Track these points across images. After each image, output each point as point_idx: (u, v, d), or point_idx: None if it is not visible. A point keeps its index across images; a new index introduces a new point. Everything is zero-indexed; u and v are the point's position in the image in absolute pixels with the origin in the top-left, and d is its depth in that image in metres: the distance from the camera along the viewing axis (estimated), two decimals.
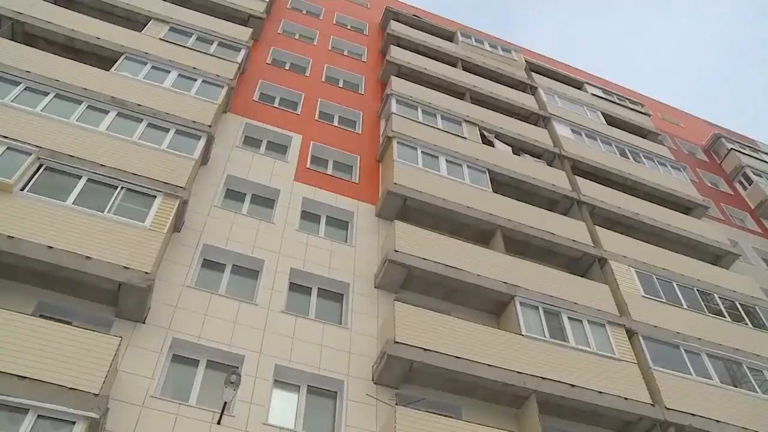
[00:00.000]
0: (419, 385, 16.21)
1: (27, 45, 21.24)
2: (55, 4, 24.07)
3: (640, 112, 37.36)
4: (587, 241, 22.71)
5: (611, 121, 34.25)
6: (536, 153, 27.84)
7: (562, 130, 29.95)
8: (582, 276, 21.93)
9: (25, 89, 18.67)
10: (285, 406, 14.97)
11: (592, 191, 25.75)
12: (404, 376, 15.89)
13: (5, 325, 12.48)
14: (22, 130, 17.03)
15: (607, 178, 28.11)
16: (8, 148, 16.27)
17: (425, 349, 15.85)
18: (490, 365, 16.26)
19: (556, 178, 25.67)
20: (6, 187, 15.18)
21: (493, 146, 26.55)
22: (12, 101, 18.03)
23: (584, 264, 22.37)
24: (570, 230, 22.79)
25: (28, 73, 19.09)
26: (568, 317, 19.14)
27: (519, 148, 27.59)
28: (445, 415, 15.28)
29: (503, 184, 24.34)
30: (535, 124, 30.54)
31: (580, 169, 27.77)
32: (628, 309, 20.34)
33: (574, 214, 24.59)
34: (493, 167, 24.35)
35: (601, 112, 34.44)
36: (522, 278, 19.51)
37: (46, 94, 18.82)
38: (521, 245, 21.92)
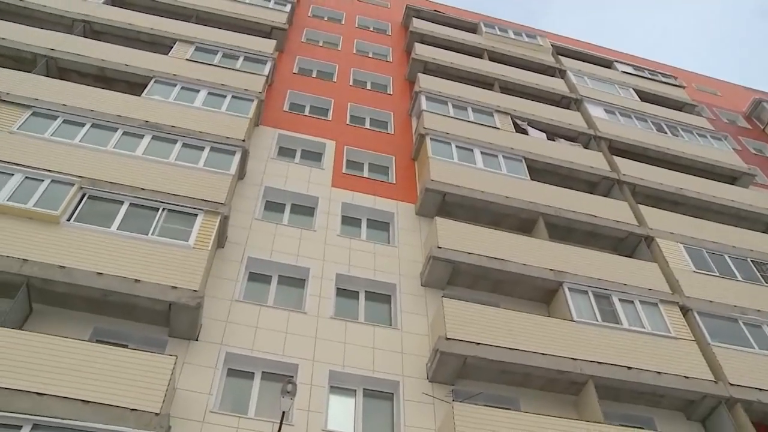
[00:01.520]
0: (474, 380, 16.16)
1: (61, 79, 21.78)
2: (84, 36, 24.59)
3: (674, 85, 36.69)
4: (631, 220, 22.39)
5: (645, 97, 33.71)
6: (571, 136, 27.55)
7: (596, 111, 29.59)
8: (629, 256, 21.64)
9: (63, 122, 19.17)
10: (343, 411, 15.04)
11: (631, 170, 25.39)
12: (458, 371, 15.85)
13: (65, 351, 12.83)
14: (64, 162, 17.46)
15: (645, 155, 27.69)
16: (52, 180, 16.70)
17: (477, 343, 15.80)
18: (543, 354, 16.13)
19: (593, 160, 25.37)
20: (53, 219, 15.62)
21: (526, 134, 26.35)
22: (52, 135, 18.52)
23: (630, 244, 22.06)
24: (613, 211, 22.51)
25: (65, 106, 19.55)
26: (619, 299, 18.90)
27: (553, 133, 27.34)
28: (503, 408, 15.20)
29: (540, 171, 24.13)
30: (567, 108, 30.22)
31: (618, 149, 27.40)
32: (680, 286, 19.99)
33: (615, 194, 24.26)
34: (528, 155, 24.18)
35: (634, 89, 33.94)
36: (568, 264, 19.32)
37: (83, 124, 19.24)
38: (564, 231, 21.71)
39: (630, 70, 36.85)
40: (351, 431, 14.52)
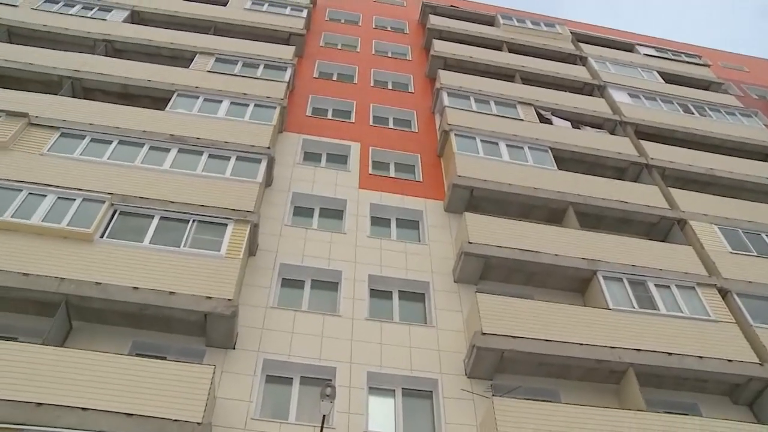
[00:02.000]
0: (513, 374, 16.08)
1: (86, 99, 22.15)
2: (106, 56, 24.95)
3: (699, 65, 36.15)
4: (663, 204, 22.13)
5: (669, 78, 33.30)
6: (596, 123, 27.29)
7: (619, 96, 29.29)
8: (663, 241, 21.39)
9: (90, 141, 19.49)
10: (383, 412, 15.07)
11: (660, 153, 25.08)
12: (496, 366, 15.79)
13: (106, 366, 13.07)
14: (94, 180, 17.75)
15: (673, 137, 27.34)
16: (83, 199, 16.99)
17: (513, 337, 15.73)
18: (581, 344, 16.00)
19: (620, 146, 25.12)
20: (87, 237, 15.89)
21: (551, 123, 26.18)
22: (80, 154, 18.86)
23: (663, 228, 21.79)
24: (643, 196, 22.27)
25: (91, 125, 19.87)
26: (655, 284, 18.68)
27: (578, 121, 27.11)
28: (544, 401, 15.11)
29: (567, 160, 23.94)
30: (591, 95, 29.95)
31: (644, 133, 27.07)
32: (717, 268, 19.69)
33: (644, 179, 23.98)
34: (554, 144, 24.02)
35: (657, 71, 33.53)
36: (601, 252, 19.15)
37: (110, 142, 19.54)
38: (595, 219, 21.52)
39: (652, 52, 36.43)
40: (392, 431, 14.52)
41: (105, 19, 27.58)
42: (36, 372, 12.69)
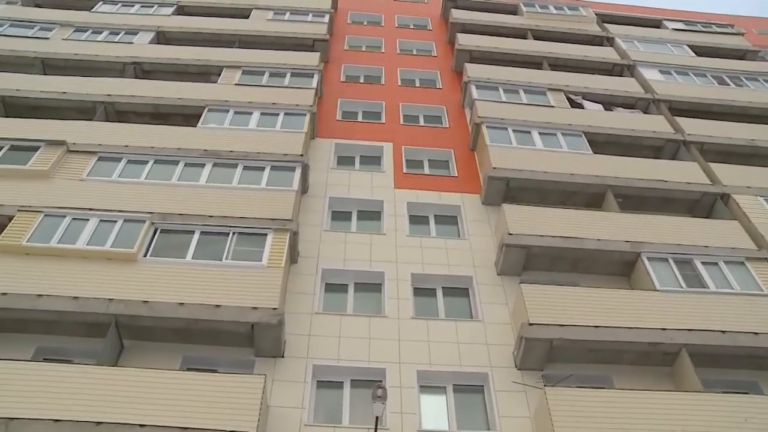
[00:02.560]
0: (564, 362, 15.89)
1: (120, 122, 22.58)
2: (136, 78, 25.38)
3: (731, 34, 35.38)
4: (704, 180, 21.70)
5: (701, 51, 32.64)
6: (629, 104, 26.93)
7: (650, 74, 28.84)
8: (706, 217, 20.99)
9: (127, 163, 19.87)
10: (435, 410, 15.03)
11: (696, 128, 24.61)
12: (546, 356, 15.65)
13: (159, 382, 13.30)
14: (133, 200, 18.10)
15: (710, 111, 26.82)
16: (125, 220, 17.31)
17: (561, 325, 15.56)
18: (630, 328, 15.75)
19: (655, 125, 24.75)
20: (131, 257, 16.19)
21: (582, 108, 25.90)
22: (119, 177, 19.26)
23: (706, 204, 21.37)
24: (683, 173, 21.87)
25: (126, 147, 20.25)
26: (702, 262, 18.32)
27: (609, 103, 26.77)
28: (597, 387, 14.93)
29: (602, 143, 23.64)
30: (621, 75, 29.56)
31: (679, 109, 26.59)
32: (766, 240, 19.25)
33: (683, 156, 23.57)
34: (587, 129, 23.75)
35: (687, 45, 32.92)
36: (644, 233, 18.85)
37: (146, 162, 19.87)
38: (635, 200, 21.18)
39: (681, 26, 35.77)
40: (446, 428, 14.51)
41: (132, 42, 28.11)
42: (93, 392, 12.96)
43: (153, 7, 32.18)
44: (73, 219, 17.29)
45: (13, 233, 16.67)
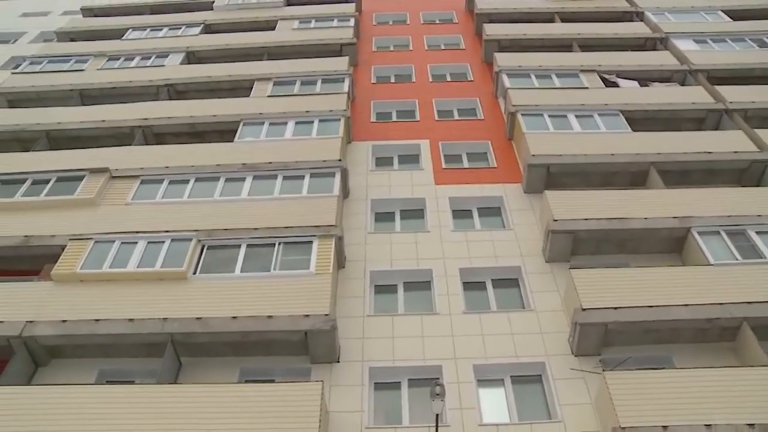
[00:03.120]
0: (621, 345, 15.67)
1: (158, 144, 23.00)
2: (170, 99, 25.80)
3: None
4: (750, 147, 21.14)
5: (736, 15, 31.70)
6: (665, 78, 26.45)
7: (685, 45, 28.25)
8: (756, 186, 20.48)
9: (169, 183, 20.21)
10: (495, 403, 14.95)
11: (738, 95, 24.00)
12: (602, 340, 15.44)
13: (218, 396, 13.45)
14: (178, 220, 18.38)
15: (751, 75, 26.16)
16: (172, 240, 17.61)
17: (615, 308, 15.34)
18: (686, 305, 15.41)
19: (694, 96, 24.24)
20: (181, 275, 16.47)
21: (617, 86, 25.51)
22: (162, 198, 19.60)
23: (755, 173, 20.82)
24: (727, 143, 21.36)
25: (167, 168, 20.59)
26: (756, 231, 17.84)
27: (645, 78, 26.33)
28: (657, 368, 14.70)
29: (641, 120, 23.28)
30: (654, 49, 29.02)
31: (718, 77, 26.02)
32: None
33: (726, 125, 23.04)
34: (624, 107, 23.39)
35: (722, 11, 32.05)
36: (692, 207, 18.45)
37: (187, 181, 20.17)
38: (680, 175, 20.77)
39: None
40: (507, 420, 14.41)
41: (163, 65, 28.65)
42: (155, 410, 13.21)
43: (181, 28, 32.76)
44: (122, 243, 17.66)
45: (67, 262, 17.11)
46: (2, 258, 18.41)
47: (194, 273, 16.79)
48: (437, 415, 13.33)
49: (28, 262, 18.25)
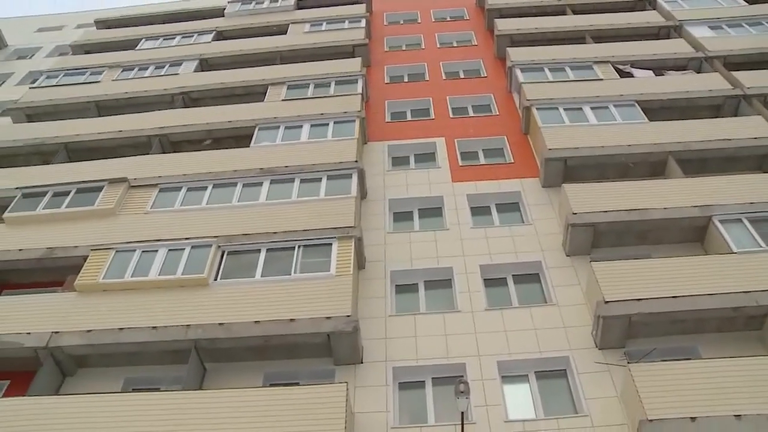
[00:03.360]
0: (645, 337, 15.54)
1: (175, 152, 23.16)
2: (185, 107, 25.96)
3: None
4: None
5: None
6: (680, 66, 26.21)
7: (699, 32, 27.96)
8: None
9: (187, 191, 20.34)
10: (520, 399, 14.90)
11: (757, 80, 23.66)
12: (626, 332, 15.33)
13: (243, 401, 13.54)
14: (197, 226, 18.52)
15: None
16: (192, 247, 17.72)
17: (638, 300, 15.21)
18: (710, 294, 15.24)
19: (711, 83, 23.99)
20: (202, 282, 16.57)
21: (632, 76, 25.32)
22: (181, 205, 19.73)
23: None
24: (747, 129, 21.11)
25: (185, 175, 20.71)
26: None
27: (659, 68, 26.10)
28: (683, 359, 14.57)
29: (657, 110, 23.07)
30: (668, 38, 28.74)
31: (734, 63, 25.70)
32: None
33: (745, 111, 22.74)
34: (639, 97, 23.20)
35: None
36: (713, 196, 18.25)
37: (205, 188, 20.30)
38: (699, 164, 20.54)
39: None
40: (533, 416, 14.35)
41: (177, 73, 28.83)
42: (182, 416, 13.31)
43: (193, 36, 32.95)
44: (143, 252, 17.79)
45: (90, 272, 17.27)
46: (26, 270, 18.67)
47: (215, 279, 16.89)
48: (462, 413, 13.32)
49: (51, 274, 18.48)
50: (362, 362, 15.54)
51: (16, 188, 21.01)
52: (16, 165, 23.53)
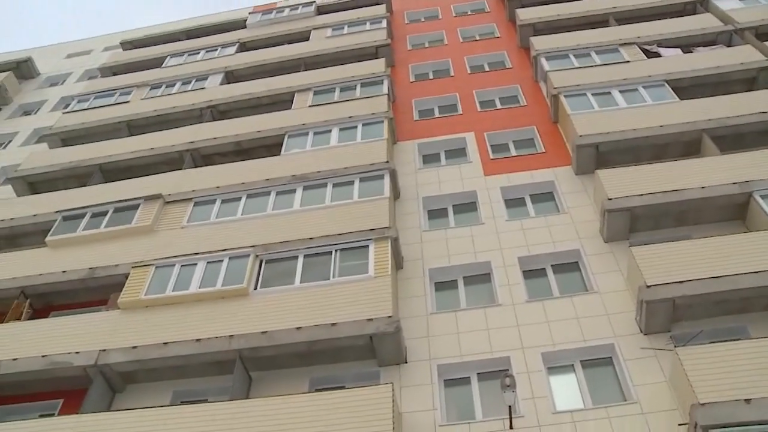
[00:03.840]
0: (691, 320, 15.25)
1: (206, 165, 23.49)
2: (213, 120, 26.25)
3: None
4: None
5: None
6: (709, 41, 25.73)
7: (727, 4, 27.39)
8: None
9: (221, 203, 20.58)
10: (567, 389, 14.76)
11: None
12: (671, 316, 15.06)
13: (290, 408, 13.62)
14: (234, 237, 18.71)
15: None
16: (230, 258, 17.91)
17: (680, 282, 14.94)
18: (756, 272, 14.87)
19: (743, 56, 23.47)
20: (243, 292, 16.73)
21: (659, 56, 24.94)
22: (216, 218, 19.94)
23: None
24: None
25: (218, 188, 20.97)
26: None
27: (687, 45, 25.64)
28: (731, 339, 14.29)
29: (688, 88, 22.69)
30: (694, 13, 28.22)
31: (767, 33, 25.16)
32: None
33: None
34: (668, 76, 22.84)
35: None
36: (751, 171, 17.82)
37: (239, 198, 20.49)
38: (734, 139, 20.11)
39: None
40: (581, 406, 14.19)
41: (204, 87, 29.14)
42: (231, 426, 13.45)
43: (217, 49, 33.32)
44: (182, 266, 18.03)
45: (132, 289, 17.56)
46: (71, 291, 19.09)
47: (255, 288, 17.04)
48: (510, 406, 13.27)
49: (95, 293, 18.86)
50: (406, 362, 15.54)
51: (56, 212, 21.49)
52: (56, 189, 24.05)
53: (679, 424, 12.91)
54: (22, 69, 38.04)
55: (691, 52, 25.10)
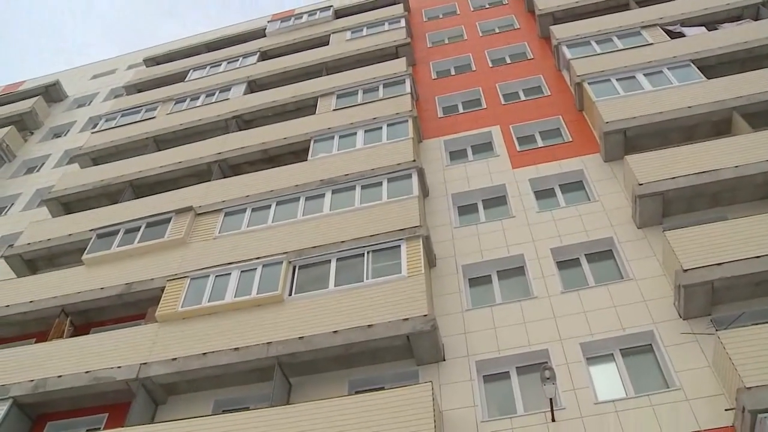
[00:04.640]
0: (731, 302, 14.98)
1: (235, 175, 23.63)
2: (239, 130, 26.45)
3: None
4: None
5: None
6: (734, 17, 25.26)
7: None
8: None
9: (252, 211, 20.74)
10: (608, 379, 14.58)
11: None
12: (710, 299, 14.77)
13: (331, 411, 13.66)
14: (266, 245, 18.84)
15: None
16: (263, 265, 18.02)
17: (718, 264, 14.67)
18: None
19: None
20: (278, 298, 16.84)
21: (683, 36, 24.55)
22: (247, 226, 20.10)
23: None
24: None
25: (248, 197, 21.11)
26: None
27: (712, 22, 25.19)
28: None
29: (715, 66, 22.29)
30: None
31: None
32: None
33: None
34: (694, 56, 22.46)
35: None
36: None
37: (269, 206, 20.63)
38: (767, 116, 19.71)
39: None
40: (623, 395, 14.01)
41: (228, 98, 29.36)
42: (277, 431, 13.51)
43: (238, 60, 33.57)
44: (217, 276, 18.19)
45: (168, 302, 17.76)
46: (109, 307, 19.38)
47: (290, 294, 17.13)
48: (551, 399, 13.16)
49: (132, 308, 19.16)
50: (444, 360, 15.50)
51: (90, 230, 21.80)
52: (89, 207, 24.44)
53: (726, 409, 12.70)
54: (51, 93, 38.72)
55: (717, 29, 24.65)
